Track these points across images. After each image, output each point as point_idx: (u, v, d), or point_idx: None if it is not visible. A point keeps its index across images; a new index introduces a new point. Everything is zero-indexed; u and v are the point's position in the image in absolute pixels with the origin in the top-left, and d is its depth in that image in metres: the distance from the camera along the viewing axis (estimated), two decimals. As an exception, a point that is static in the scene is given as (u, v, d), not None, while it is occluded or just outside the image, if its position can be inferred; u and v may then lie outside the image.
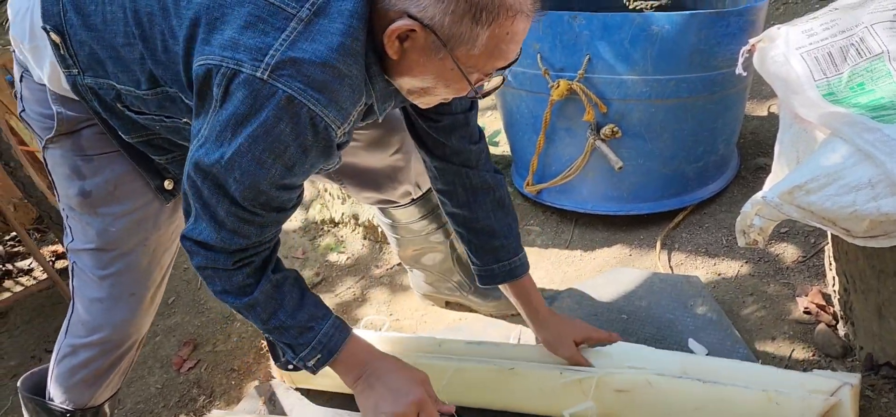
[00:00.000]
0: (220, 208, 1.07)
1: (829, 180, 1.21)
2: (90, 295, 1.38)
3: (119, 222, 1.33)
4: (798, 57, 1.46)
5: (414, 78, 1.07)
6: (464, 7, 0.98)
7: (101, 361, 1.44)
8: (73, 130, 1.26)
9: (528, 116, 2.15)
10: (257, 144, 0.99)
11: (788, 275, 1.78)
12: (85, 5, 1.11)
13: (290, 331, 1.19)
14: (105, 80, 1.14)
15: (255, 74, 0.96)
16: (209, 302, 2.31)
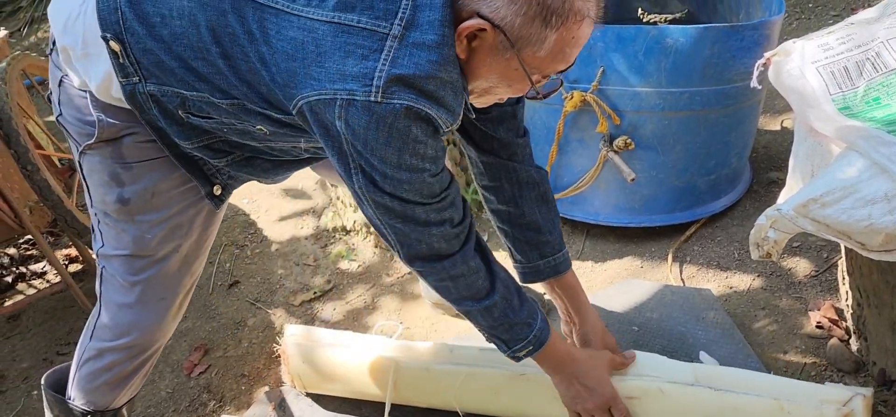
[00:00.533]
0: (416, 211, 1.14)
1: (845, 193, 1.21)
2: (119, 300, 1.39)
3: (155, 229, 1.34)
4: (814, 71, 1.46)
5: (477, 79, 1.11)
6: (536, 9, 1.00)
7: (125, 365, 1.44)
8: (114, 138, 1.26)
9: (541, 126, 2.16)
10: (404, 154, 1.06)
11: (801, 289, 1.77)
12: (149, 16, 1.12)
13: (514, 327, 1.31)
14: (171, 87, 1.15)
15: (368, 98, 1.00)
16: (221, 308, 2.32)
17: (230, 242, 2.61)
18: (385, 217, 1.16)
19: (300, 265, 2.40)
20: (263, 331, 2.17)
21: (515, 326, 1.31)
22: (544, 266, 1.49)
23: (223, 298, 2.35)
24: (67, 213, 2.22)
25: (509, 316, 1.29)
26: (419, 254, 1.20)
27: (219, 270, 2.48)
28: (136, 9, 1.12)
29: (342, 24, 1.01)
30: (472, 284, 1.24)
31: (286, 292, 2.30)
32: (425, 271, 1.23)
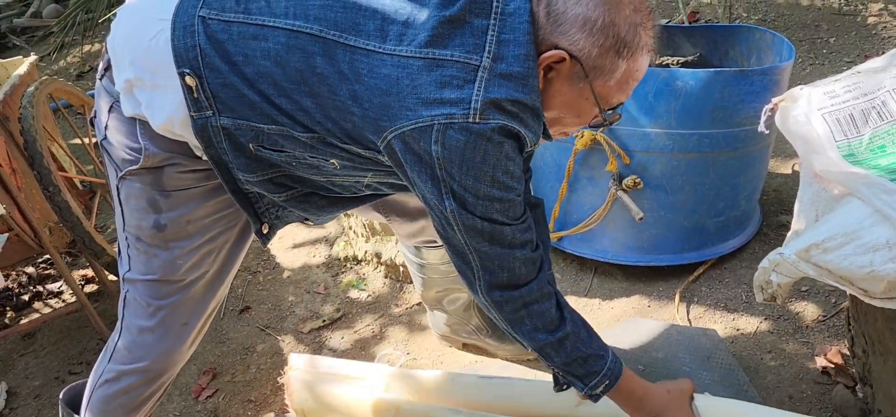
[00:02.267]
0: (504, 232, 1.19)
1: (847, 239, 1.22)
2: (141, 324, 1.42)
3: (187, 257, 1.37)
4: (819, 118, 1.48)
5: (550, 108, 1.18)
6: (611, 41, 1.09)
7: (142, 389, 1.46)
8: (156, 166, 1.30)
9: (551, 163, 2.19)
10: (497, 171, 1.13)
11: (808, 334, 1.77)
12: (231, 55, 1.17)
13: (586, 361, 1.31)
14: (247, 121, 1.20)
15: (467, 119, 1.08)
16: (231, 333, 2.34)
17: (243, 267, 2.65)
18: (473, 240, 1.20)
19: (311, 292, 2.43)
20: (272, 357, 2.19)
21: (589, 359, 1.31)
22: None
23: (234, 323, 2.38)
24: (86, 234, 2.27)
25: (581, 348, 1.30)
26: (500, 282, 1.23)
27: (231, 295, 2.51)
28: (218, 47, 1.17)
29: (436, 59, 1.09)
30: (545, 313, 1.26)
31: (296, 319, 2.33)
32: (503, 299, 1.25)
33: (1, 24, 6.91)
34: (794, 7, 3.52)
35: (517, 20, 1.10)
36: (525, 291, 1.25)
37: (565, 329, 1.28)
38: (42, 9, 6.98)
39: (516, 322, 1.28)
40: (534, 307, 1.26)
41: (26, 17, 6.91)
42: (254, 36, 1.17)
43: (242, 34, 1.17)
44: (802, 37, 3.23)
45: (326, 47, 1.13)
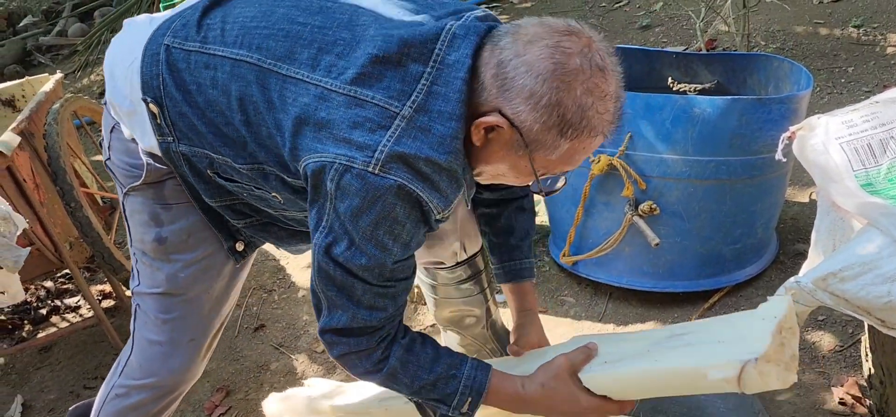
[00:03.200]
0: (355, 288, 1.15)
1: (864, 269, 1.22)
2: (150, 337, 1.43)
3: (188, 269, 1.39)
4: (837, 146, 1.48)
5: (487, 165, 1.15)
6: (555, 120, 1.05)
7: (152, 405, 1.47)
8: (157, 181, 1.33)
9: (568, 188, 2.16)
10: (379, 229, 1.09)
11: (824, 364, 1.75)
12: (187, 84, 1.20)
13: (436, 385, 1.25)
14: (201, 149, 1.23)
15: (366, 169, 1.05)
16: (245, 351, 2.35)
17: (258, 286, 2.67)
18: (322, 284, 1.17)
19: (325, 312, 2.44)
20: (285, 376, 2.20)
21: (438, 383, 1.25)
22: (509, 268, 1.55)
23: (248, 341, 2.39)
24: (105, 250, 2.30)
25: (423, 377, 1.24)
26: (335, 327, 1.19)
27: (246, 313, 2.52)
28: (176, 77, 1.20)
29: (356, 98, 1.07)
30: (371, 357, 1.22)
31: (310, 338, 2.34)
32: (332, 342, 1.22)
33: (27, 41, 7.06)
34: (813, 36, 3.52)
35: (454, 74, 1.07)
36: (353, 343, 1.21)
37: (390, 364, 1.22)
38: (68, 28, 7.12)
39: (347, 365, 1.26)
40: (363, 354, 1.22)
41: (52, 36, 7.05)
42: (206, 65, 1.19)
43: (197, 63, 1.19)
44: (820, 66, 3.22)
45: (261, 75, 1.14)
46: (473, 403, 1.26)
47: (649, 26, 4.13)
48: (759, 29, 3.62)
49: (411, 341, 1.25)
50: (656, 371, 1.24)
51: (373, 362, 1.22)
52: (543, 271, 2.37)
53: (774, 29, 3.64)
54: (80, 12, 7.38)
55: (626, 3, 4.61)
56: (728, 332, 1.27)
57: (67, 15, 7.33)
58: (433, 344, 1.28)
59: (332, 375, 2.17)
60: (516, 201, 1.53)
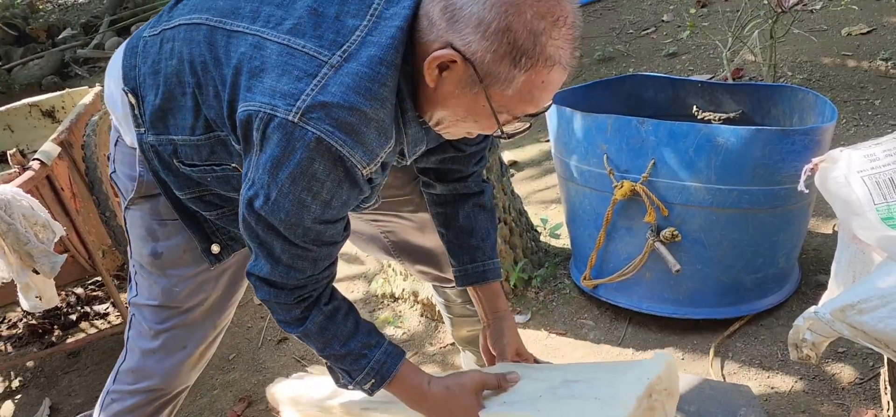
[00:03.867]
0: (274, 245, 1.16)
1: (883, 302, 1.23)
2: (144, 346, 1.47)
3: (184, 284, 1.42)
4: (859, 180, 1.49)
5: (445, 109, 1.13)
6: (505, 48, 1.02)
7: (146, 408, 1.50)
8: (151, 194, 1.36)
9: (590, 212, 2.21)
10: (296, 185, 1.07)
11: (843, 396, 1.75)
12: (154, 65, 1.22)
13: (345, 359, 1.28)
14: (165, 135, 1.24)
15: (287, 117, 1.03)
16: (267, 362, 2.40)
17: (283, 299, 2.71)
18: (245, 230, 1.18)
19: (347, 327, 2.47)
20: (307, 389, 2.23)
21: (348, 357, 1.28)
22: (472, 270, 1.53)
23: (271, 353, 2.44)
24: (136, 259, 2.36)
25: (336, 347, 1.27)
26: (258, 275, 1.21)
27: (269, 325, 2.57)
28: (147, 62, 1.23)
29: (288, 47, 1.07)
30: (290, 311, 1.24)
31: (332, 352, 2.37)
32: (256, 286, 1.24)
33: (65, 53, 7.25)
34: (840, 68, 3.51)
35: (389, 24, 1.05)
36: (274, 292, 1.22)
37: (306, 327, 1.25)
38: (105, 41, 7.31)
39: (269, 309, 1.28)
40: (282, 306, 1.24)
41: (89, 49, 7.24)
42: (167, 40, 1.20)
43: (162, 41, 1.21)
44: (847, 98, 3.21)
45: (210, 34, 1.14)
46: (376, 385, 1.30)
47: (676, 54, 4.14)
48: (786, 59, 3.62)
49: (334, 310, 1.26)
50: None
51: (291, 317, 1.25)
52: (564, 293, 2.38)
53: (802, 60, 3.64)
54: (117, 27, 7.58)
55: (653, 30, 4.64)
56: (606, 389, 1.34)
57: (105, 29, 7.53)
58: (355, 320, 1.29)
59: (352, 389, 2.20)
60: (473, 198, 1.51)
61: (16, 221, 1.81)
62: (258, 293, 1.25)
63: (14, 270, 1.82)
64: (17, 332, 2.92)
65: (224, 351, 2.50)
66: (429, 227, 1.63)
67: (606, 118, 2.10)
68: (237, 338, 2.56)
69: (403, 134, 1.18)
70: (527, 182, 3.20)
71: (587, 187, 2.19)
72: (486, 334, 1.58)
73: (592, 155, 2.13)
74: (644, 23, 4.78)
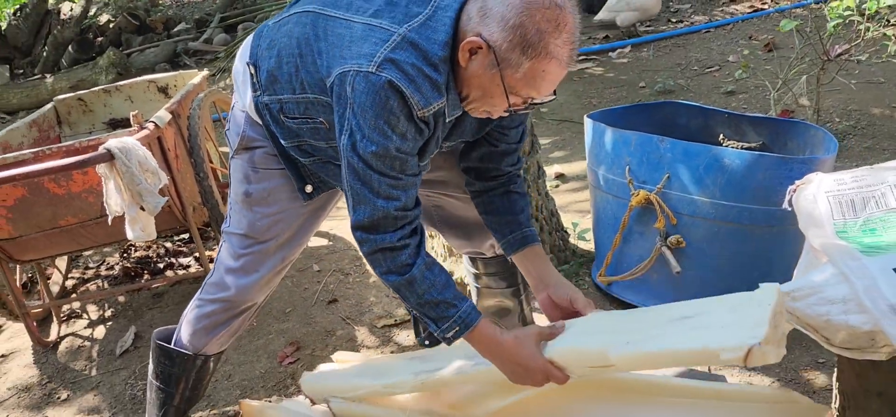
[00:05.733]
0: (372, 177, 1.43)
1: (812, 292, 1.45)
2: (228, 265, 1.83)
3: (265, 220, 1.78)
4: (824, 198, 1.71)
5: (470, 87, 1.45)
6: (518, 40, 1.36)
7: (220, 316, 1.85)
8: (249, 147, 1.75)
9: (610, 216, 2.47)
10: (380, 119, 1.39)
11: (814, 398, 1.94)
12: (273, 41, 1.60)
13: (439, 305, 1.51)
14: (275, 96, 1.61)
15: (368, 69, 1.38)
16: (317, 317, 2.75)
17: (338, 269, 3.08)
18: (349, 176, 1.45)
19: (389, 296, 2.81)
20: (347, 342, 2.57)
21: (441, 304, 1.50)
22: (513, 239, 1.78)
23: (321, 311, 2.80)
24: (220, 216, 2.77)
25: (433, 294, 1.49)
26: (362, 223, 1.47)
27: (324, 288, 2.94)
28: (263, 40, 1.64)
29: (369, 25, 1.43)
30: (397, 259, 1.48)
31: (373, 315, 2.71)
32: (363, 240, 1.49)
33: (177, 45, 7.97)
34: (887, 119, 3.61)
35: (444, 14, 1.41)
36: (379, 238, 1.46)
37: (412, 273, 1.47)
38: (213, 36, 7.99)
39: (373, 263, 1.51)
40: (388, 253, 1.48)
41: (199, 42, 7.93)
42: (283, 24, 1.59)
43: (280, 25, 1.60)
44: (887, 146, 3.33)
45: (315, 19, 1.51)
46: (458, 333, 1.54)
47: (733, 92, 4.31)
48: (836, 107, 3.75)
49: (432, 261, 1.53)
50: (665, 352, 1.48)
51: (398, 264, 1.48)
52: (582, 289, 2.64)
53: (852, 108, 3.76)
54: (225, 24, 8.26)
55: (717, 68, 4.81)
56: (729, 316, 1.52)
57: (214, 25, 8.22)
58: (447, 273, 1.54)
59: (386, 347, 2.53)
60: (506, 185, 1.80)
61: (132, 165, 2.24)
62: (364, 247, 1.50)
63: (126, 204, 2.24)
64: (114, 273, 3.42)
65: (282, 305, 2.88)
66: (468, 206, 1.93)
67: (632, 134, 2.36)
68: (295, 296, 2.93)
69: (448, 95, 1.47)
70: (569, 193, 3.47)
71: (610, 193, 2.45)
72: (542, 298, 1.76)
73: (617, 166, 2.40)
74: (710, 61, 4.96)
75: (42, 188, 2.44)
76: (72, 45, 8.26)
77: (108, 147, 2.22)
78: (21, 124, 3.10)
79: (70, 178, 2.44)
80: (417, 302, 1.51)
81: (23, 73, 8.51)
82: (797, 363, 2.11)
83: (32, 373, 2.71)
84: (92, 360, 2.74)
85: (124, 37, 8.40)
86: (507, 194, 1.81)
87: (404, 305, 1.58)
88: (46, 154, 2.41)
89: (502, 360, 1.58)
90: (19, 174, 2.23)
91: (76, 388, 2.58)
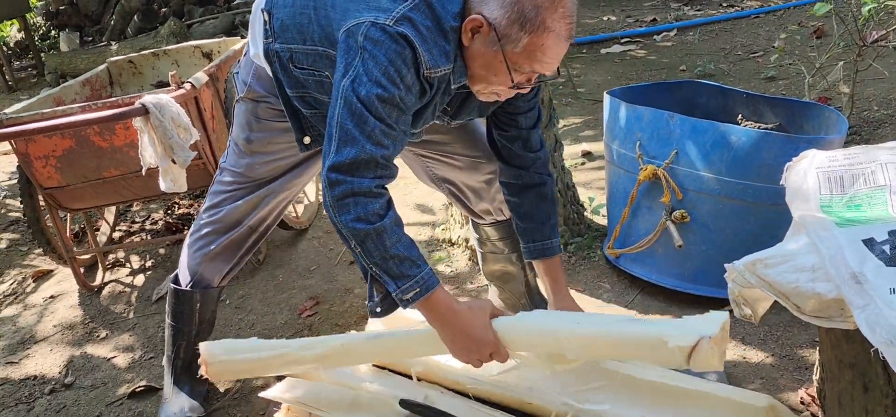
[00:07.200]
0: (368, 119, 1.44)
1: (784, 259, 1.49)
2: (220, 191, 1.99)
3: (261, 166, 1.94)
4: (815, 174, 1.73)
5: (473, 65, 1.53)
6: (516, 16, 1.43)
7: (214, 238, 2.00)
8: (255, 99, 1.87)
9: (621, 191, 2.52)
10: (391, 66, 1.43)
11: (803, 374, 1.96)
12: None
13: (404, 262, 1.49)
14: (285, 44, 1.67)
15: (386, 22, 1.44)
16: (339, 276, 2.89)
17: (363, 232, 3.21)
18: (343, 115, 1.45)
19: (408, 260, 2.92)
20: (363, 300, 2.69)
21: (405, 261, 1.48)
22: (534, 248, 1.91)
23: (343, 270, 2.93)
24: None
25: (400, 249, 1.48)
26: (343, 162, 1.44)
27: (346, 251, 3.06)
28: None
29: None
30: (368, 206, 1.45)
31: (391, 276, 2.83)
32: (337, 181, 1.45)
33: (236, 17, 8.22)
34: (928, 109, 3.53)
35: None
36: (356, 182, 1.44)
37: (383, 223, 1.46)
38: (268, 10, 8.18)
39: (342, 208, 1.45)
40: (361, 198, 1.45)
41: (254, 15, 8.13)
42: None
43: None
44: (923, 136, 3.26)
45: None
46: (418, 295, 1.51)
47: (774, 78, 4.26)
48: (876, 95, 3.67)
49: (400, 219, 1.53)
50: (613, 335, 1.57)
51: (369, 212, 1.45)
52: (592, 261, 2.70)
53: (892, 96, 3.67)
54: (281, -1, 8.45)
55: (761, 54, 4.74)
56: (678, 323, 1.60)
57: None
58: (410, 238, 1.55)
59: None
60: (535, 188, 1.90)
61: (166, 119, 2.40)
62: (337, 189, 1.45)
63: (159, 156, 2.41)
64: (157, 228, 3.63)
65: (307, 263, 3.02)
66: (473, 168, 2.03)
67: (644, 110, 2.40)
68: (320, 256, 3.08)
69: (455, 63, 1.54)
70: (593, 171, 3.51)
71: (622, 168, 2.50)
72: None
73: (629, 141, 2.44)
74: (755, 46, 4.89)
75: (88, 141, 2.64)
76: (137, 15, 8.62)
77: (143, 102, 2.39)
78: (75, 82, 3.32)
79: (113, 132, 2.62)
80: (381, 257, 1.48)
81: (91, 40, 8.93)
82: (793, 342, 2.13)
83: (76, 313, 2.92)
84: (130, 304, 2.94)
85: (187, 8, 8.72)
86: (536, 198, 1.90)
87: (359, 263, 1.56)
88: (91, 108, 2.60)
89: (454, 330, 1.57)
90: (65, 124, 2.42)
91: (114, 328, 2.78)
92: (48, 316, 2.94)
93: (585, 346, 1.60)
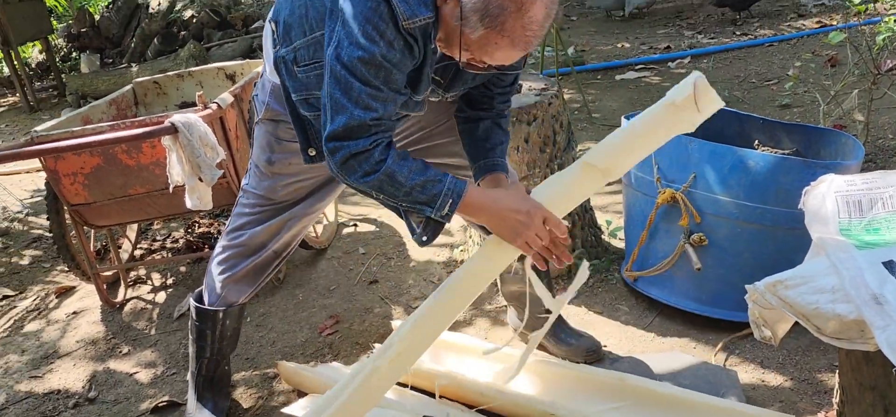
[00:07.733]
0: (353, 84, 1.46)
1: (804, 281, 1.52)
2: (242, 213, 2.03)
3: (283, 188, 1.96)
4: (833, 198, 1.76)
5: (440, 29, 1.51)
6: (481, 6, 1.42)
7: (238, 260, 2.03)
8: (274, 119, 1.89)
9: (639, 213, 2.55)
10: (368, 24, 1.43)
11: (823, 397, 1.97)
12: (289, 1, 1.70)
13: (426, 185, 1.53)
14: (289, 46, 1.68)
15: None
16: (358, 296, 2.92)
17: (381, 252, 3.25)
18: (330, 85, 1.48)
19: (427, 280, 2.95)
20: (383, 319, 2.73)
21: (427, 184, 1.52)
22: (483, 165, 1.83)
23: (362, 290, 2.97)
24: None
25: (416, 177, 1.52)
26: (337, 131, 1.49)
27: (367, 270, 3.10)
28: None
29: None
30: (369, 158, 1.50)
31: (409, 297, 2.86)
32: (335, 148, 1.50)
33: (254, 41, 8.34)
34: (944, 138, 3.54)
35: None
36: (352, 144, 1.48)
37: (388, 165, 1.50)
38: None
39: (348, 170, 1.52)
40: (361, 156, 1.50)
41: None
42: None
43: None
44: (939, 164, 3.27)
45: None
46: (454, 204, 1.55)
47: (789, 106, 4.28)
48: (891, 124, 3.69)
49: (404, 153, 1.57)
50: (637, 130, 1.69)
51: (372, 163, 1.50)
52: (610, 283, 2.73)
53: (908, 125, 3.69)
54: (298, 24, 8.59)
55: (776, 81, 4.77)
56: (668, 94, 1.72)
57: (288, 24, 8.55)
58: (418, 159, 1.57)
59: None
60: (492, 117, 1.87)
61: (194, 138, 2.45)
62: (336, 156, 1.51)
63: (186, 174, 2.46)
64: (178, 246, 3.68)
65: (327, 283, 3.06)
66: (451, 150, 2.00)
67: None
68: (340, 276, 3.11)
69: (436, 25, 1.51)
70: (609, 195, 3.54)
71: (639, 191, 2.53)
72: None
73: (646, 164, 2.47)
74: (769, 74, 4.92)
75: (115, 159, 2.70)
76: (157, 38, 8.78)
77: (172, 121, 2.44)
78: (102, 102, 3.39)
79: (140, 150, 2.68)
80: (405, 192, 1.54)
81: (112, 62, 9.09)
82: (812, 366, 2.14)
83: (99, 329, 2.97)
84: (152, 321, 2.98)
85: (206, 32, 8.87)
86: (491, 124, 1.86)
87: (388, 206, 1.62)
88: (120, 127, 2.66)
89: (502, 214, 1.60)
90: (95, 141, 2.48)
91: (136, 344, 2.82)
92: (71, 332, 2.98)
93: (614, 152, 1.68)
